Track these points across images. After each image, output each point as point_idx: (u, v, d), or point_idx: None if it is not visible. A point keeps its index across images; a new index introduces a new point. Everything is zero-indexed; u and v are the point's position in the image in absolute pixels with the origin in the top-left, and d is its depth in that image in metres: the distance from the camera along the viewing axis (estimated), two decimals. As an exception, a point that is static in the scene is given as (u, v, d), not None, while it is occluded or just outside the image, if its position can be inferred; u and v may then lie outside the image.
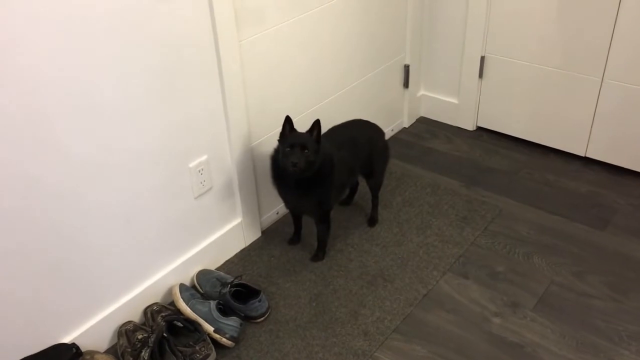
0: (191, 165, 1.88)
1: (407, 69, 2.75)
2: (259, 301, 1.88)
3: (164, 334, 1.70)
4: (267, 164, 2.04)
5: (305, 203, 2.02)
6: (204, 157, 1.92)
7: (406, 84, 2.79)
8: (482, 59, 2.66)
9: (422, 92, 2.92)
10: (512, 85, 2.64)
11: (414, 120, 2.95)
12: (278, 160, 1.91)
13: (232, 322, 1.80)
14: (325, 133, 2.06)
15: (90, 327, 1.75)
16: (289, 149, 1.84)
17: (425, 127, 2.90)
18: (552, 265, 2.07)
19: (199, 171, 1.91)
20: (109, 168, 1.65)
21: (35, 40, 1.39)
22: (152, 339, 1.70)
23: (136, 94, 1.65)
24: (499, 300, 1.95)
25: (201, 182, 1.93)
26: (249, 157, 2.08)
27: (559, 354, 1.77)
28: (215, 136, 1.93)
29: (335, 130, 2.13)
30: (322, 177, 1.92)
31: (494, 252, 2.14)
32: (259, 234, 2.24)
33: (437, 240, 2.20)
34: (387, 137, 2.75)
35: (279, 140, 1.91)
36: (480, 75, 2.70)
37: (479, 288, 2.00)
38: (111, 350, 1.80)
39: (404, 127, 2.91)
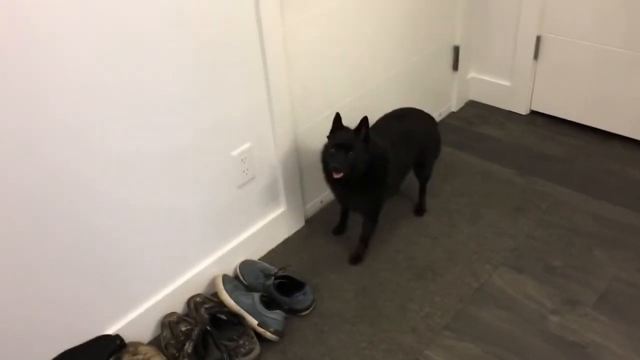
0: (234, 153, 1.83)
1: (456, 50, 2.62)
2: (304, 294, 1.82)
3: (208, 327, 1.67)
4: (311, 151, 1.97)
5: (357, 202, 1.94)
6: (247, 145, 1.86)
7: (455, 67, 2.67)
8: (538, 38, 2.51)
9: (471, 74, 2.79)
10: (571, 66, 2.49)
11: (462, 104, 2.83)
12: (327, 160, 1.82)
13: (277, 315, 1.74)
14: (376, 124, 1.97)
15: (134, 319, 1.73)
16: (333, 150, 1.75)
17: (475, 112, 2.78)
18: (615, 260, 1.95)
19: (242, 160, 1.86)
20: (150, 160, 1.60)
21: (77, 34, 1.34)
22: (196, 332, 1.66)
23: (178, 86, 1.59)
24: (557, 296, 1.84)
25: (244, 171, 1.88)
26: (293, 144, 2.01)
27: (623, 355, 1.65)
28: (259, 124, 1.87)
29: (388, 122, 2.02)
30: (375, 177, 1.82)
31: (550, 245, 2.03)
32: (302, 223, 2.18)
33: (490, 231, 2.09)
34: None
35: (327, 137, 1.83)
36: (536, 56, 2.56)
37: (534, 283, 1.89)
38: (155, 342, 1.78)
39: (453, 112, 2.79)
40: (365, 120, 1.75)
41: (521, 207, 2.19)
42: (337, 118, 1.78)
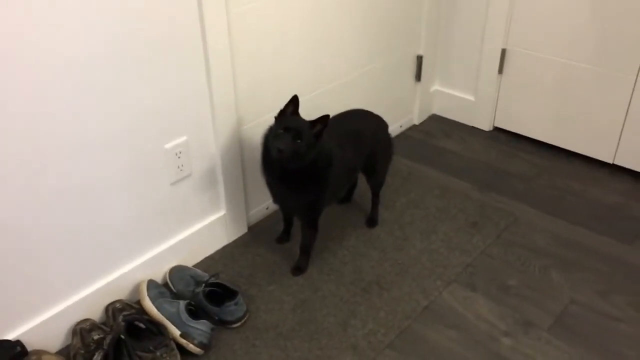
0: (167, 146, 1.67)
1: (420, 60, 2.52)
2: (236, 304, 1.65)
3: (122, 336, 1.48)
4: (257, 153, 1.82)
5: (294, 200, 1.78)
6: (183, 139, 1.70)
7: (418, 77, 2.56)
8: (503, 52, 2.43)
9: (435, 87, 2.69)
10: (535, 82, 2.40)
11: (425, 118, 2.72)
12: (270, 141, 1.67)
13: (202, 326, 1.57)
14: None
15: (41, 323, 1.54)
16: (281, 131, 1.60)
17: (438, 126, 2.67)
18: (572, 282, 1.83)
19: (177, 154, 1.70)
20: (70, 144, 1.44)
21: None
22: (107, 341, 1.48)
23: (106, 66, 1.44)
24: (510, 317, 1.71)
25: (178, 167, 1.72)
26: (237, 142, 1.86)
27: (578, 384, 1.52)
28: (197, 116, 1.72)
29: (336, 121, 1.88)
30: (317, 175, 1.68)
31: (506, 264, 1.90)
32: (244, 230, 2.02)
33: (443, 246, 1.96)
34: (395, 133, 2.54)
35: (275, 118, 1.68)
36: (500, 70, 2.47)
37: (487, 303, 1.76)
38: (64, 351, 1.59)
39: (414, 124, 2.68)
40: (325, 118, 1.61)
41: (478, 223, 2.06)
42: (294, 101, 1.64)
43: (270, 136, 1.63)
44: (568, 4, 2.19)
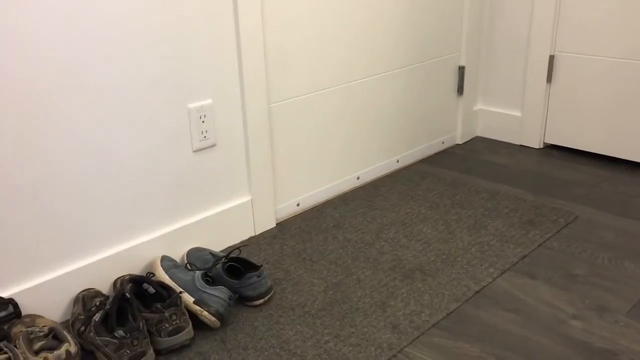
0: (190, 106, 1.56)
1: (462, 71, 2.41)
2: (258, 276, 1.45)
3: (127, 294, 1.30)
4: (286, 139, 1.68)
5: None
6: (208, 102, 1.59)
7: (460, 90, 2.44)
8: (551, 58, 2.29)
9: (479, 106, 2.55)
10: (589, 87, 2.24)
11: (468, 139, 2.56)
12: None
13: (220, 292, 1.37)
14: None
15: (39, 285, 1.36)
16: None
17: (483, 144, 2.50)
18: (651, 271, 1.57)
19: (200, 117, 1.58)
20: (80, 93, 1.34)
21: None
22: (110, 300, 1.29)
23: (129, 12, 1.38)
24: (580, 302, 1.45)
25: (202, 132, 1.59)
26: (265, 117, 1.73)
27: (672, 367, 1.23)
28: (224, 80, 1.62)
29: None
30: None
31: (570, 255, 1.66)
32: (272, 224, 1.85)
33: (495, 239, 1.74)
34: (437, 149, 2.40)
35: None
36: (549, 79, 2.32)
37: (550, 289, 1.50)
38: (65, 325, 1.40)
39: (457, 144, 2.52)
40: None
41: (534, 221, 1.84)
42: None
43: None
44: (619, -2, 2.08)
